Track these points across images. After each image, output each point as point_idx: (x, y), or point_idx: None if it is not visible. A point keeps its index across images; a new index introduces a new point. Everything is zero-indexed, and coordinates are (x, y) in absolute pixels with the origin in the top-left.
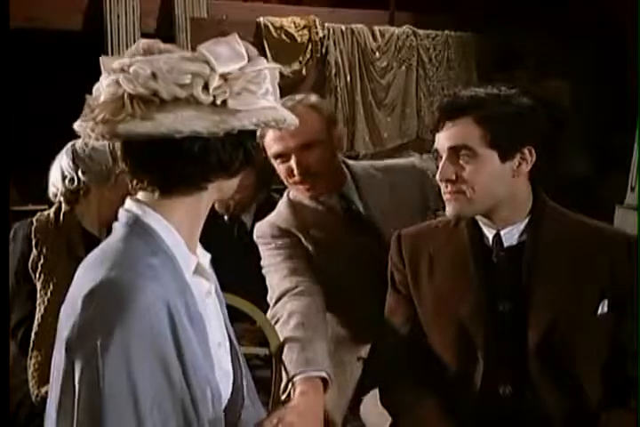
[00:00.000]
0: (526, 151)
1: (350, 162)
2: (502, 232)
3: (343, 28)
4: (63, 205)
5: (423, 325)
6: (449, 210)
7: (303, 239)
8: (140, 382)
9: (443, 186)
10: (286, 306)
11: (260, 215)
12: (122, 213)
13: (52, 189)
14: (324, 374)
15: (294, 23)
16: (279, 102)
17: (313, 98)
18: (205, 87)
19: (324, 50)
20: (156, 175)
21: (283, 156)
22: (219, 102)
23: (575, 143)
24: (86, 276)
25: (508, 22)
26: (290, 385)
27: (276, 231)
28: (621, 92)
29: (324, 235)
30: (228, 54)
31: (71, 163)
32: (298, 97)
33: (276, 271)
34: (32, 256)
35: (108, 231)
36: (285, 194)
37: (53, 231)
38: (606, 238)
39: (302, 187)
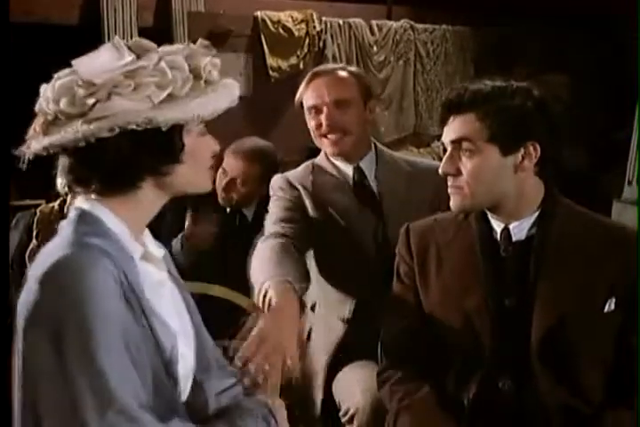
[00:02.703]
0: (530, 146)
1: (380, 145)
2: (511, 226)
3: (341, 22)
4: (69, 198)
5: (428, 316)
6: (452, 204)
7: (304, 195)
8: (102, 353)
9: (448, 180)
10: (265, 243)
11: (261, 209)
12: (71, 210)
13: (60, 180)
14: (290, 279)
15: (292, 17)
16: (199, 87)
17: (357, 69)
18: (73, 99)
19: (321, 44)
20: (82, 178)
21: (316, 109)
22: (87, 111)
23: (573, 137)
24: (42, 261)
25: (507, 16)
26: (261, 297)
27: (284, 184)
28: (620, 87)
29: (329, 199)
30: (103, 60)
31: None
32: (342, 65)
33: (269, 218)
34: (31, 246)
35: None
36: (310, 161)
37: (56, 224)
38: (616, 236)
39: (327, 141)
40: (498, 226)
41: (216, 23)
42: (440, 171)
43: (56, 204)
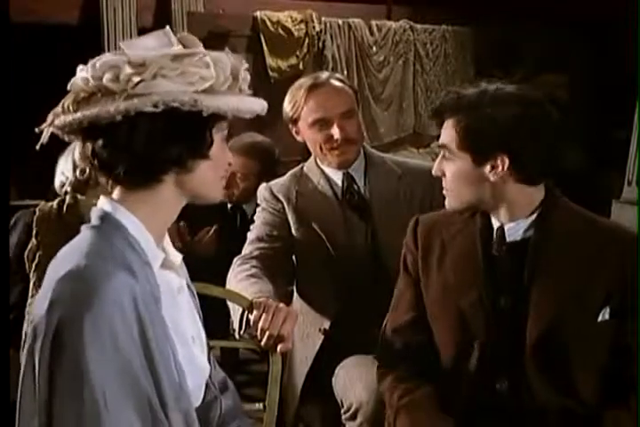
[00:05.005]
0: (498, 158)
1: (368, 147)
2: (506, 227)
3: (340, 22)
4: (68, 197)
5: (427, 310)
6: (445, 204)
7: (287, 209)
8: (92, 365)
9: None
10: (238, 268)
11: None
12: (94, 211)
13: (60, 179)
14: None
15: (291, 17)
16: (235, 88)
17: (339, 74)
18: (117, 76)
19: (321, 44)
20: (105, 164)
21: (323, 122)
22: (129, 89)
23: (572, 138)
24: (59, 266)
25: (506, 17)
26: (245, 315)
27: (268, 195)
28: (619, 87)
29: (312, 213)
30: (152, 44)
31: None
32: (327, 72)
33: (251, 231)
34: (30, 245)
35: None
36: (300, 166)
37: (55, 223)
38: (616, 241)
39: (337, 151)
40: (495, 225)
41: (215, 23)
42: (432, 172)
43: (55, 203)
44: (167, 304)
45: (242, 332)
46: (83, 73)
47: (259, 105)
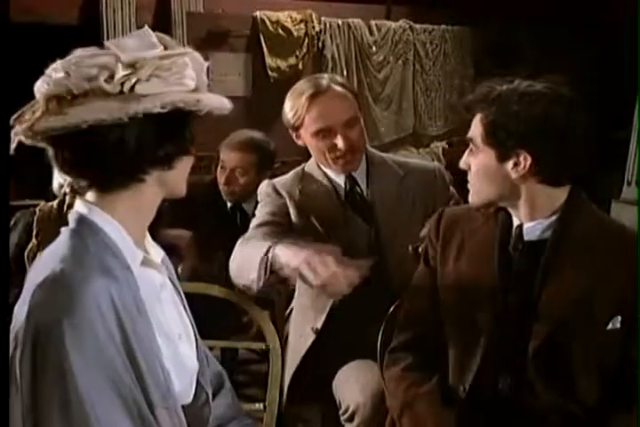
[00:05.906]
0: (521, 156)
1: (369, 148)
2: (525, 226)
3: (340, 22)
4: (68, 197)
5: (440, 302)
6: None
7: (290, 204)
8: (76, 368)
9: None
10: (242, 242)
11: None
12: (71, 214)
13: (58, 180)
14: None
15: (291, 17)
16: (205, 88)
17: (339, 77)
18: (111, 77)
19: (320, 44)
20: (86, 170)
21: (326, 131)
22: (126, 90)
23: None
24: (37, 271)
25: (506, 17)
26: (270, 266)
27: (270, 190)
28: (619, 87)
29: (314, 209)
30: (137, 44)
31: None
32: (327, 76)
33: (252, 222)
34: (30, 245)
35: None
36: (300, 167)
37: (55, 223)
38: (630, 247)
39: (342, 161)
40: (515, 223)
41: (215, 23)
42: (460, 164)
43: (55, 203)
44: (150, 302)
45: (266, 276)
46: (59, 74)
47: (226, 102)
